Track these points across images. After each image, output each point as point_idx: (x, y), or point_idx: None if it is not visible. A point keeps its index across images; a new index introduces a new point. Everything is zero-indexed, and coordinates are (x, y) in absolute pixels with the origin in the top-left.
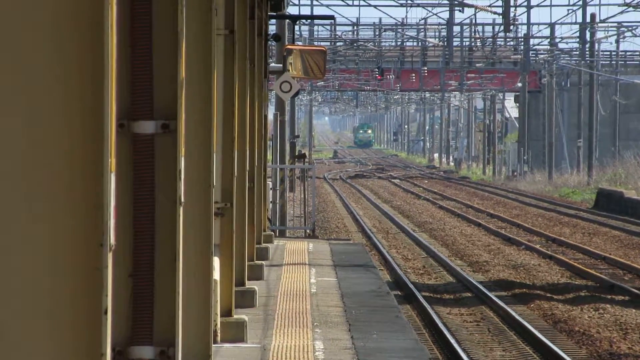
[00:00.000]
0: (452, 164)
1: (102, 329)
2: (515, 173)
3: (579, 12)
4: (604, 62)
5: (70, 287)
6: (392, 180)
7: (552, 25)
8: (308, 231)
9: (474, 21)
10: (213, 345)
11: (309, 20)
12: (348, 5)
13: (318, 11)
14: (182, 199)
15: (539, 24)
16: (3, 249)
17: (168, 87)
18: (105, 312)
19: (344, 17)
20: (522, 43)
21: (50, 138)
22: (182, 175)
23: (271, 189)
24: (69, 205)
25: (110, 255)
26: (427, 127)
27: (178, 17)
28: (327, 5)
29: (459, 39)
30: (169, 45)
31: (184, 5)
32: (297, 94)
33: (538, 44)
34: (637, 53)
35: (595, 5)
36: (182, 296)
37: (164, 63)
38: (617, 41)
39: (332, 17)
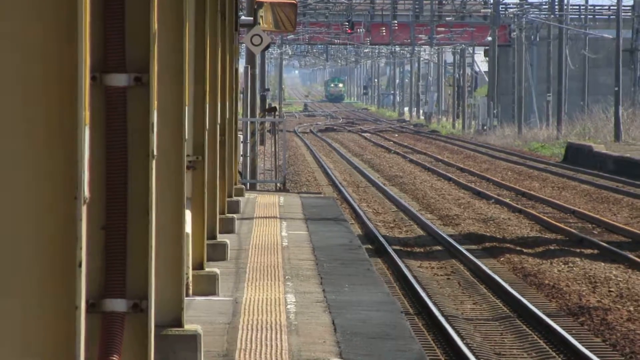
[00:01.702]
0: (422, 118)
1: (77, 281)
2: (484, 127)
3: None
4: (573, 16)
5: (45, 240)
6: (363, 134)
7: None
8: (279, 184)
9: None
10: (185, 298)
11: None
12: None
13: None
14: (155, 152)
15: None
16: None
17: (140, 40)
18: (80, 265)
19: None
20: None
21: (24, 90)
22: (155, 129)
23: (242, 142)
24: (45, 158)
25: (84, 208)
26: (397, 81)
27: None
28: None
29: None
30: None
31: None
32: (267, 47)
33: None
34: (606, 7)
35: None
36: (155, 249)
37: (136, 16)
38: None
39: None
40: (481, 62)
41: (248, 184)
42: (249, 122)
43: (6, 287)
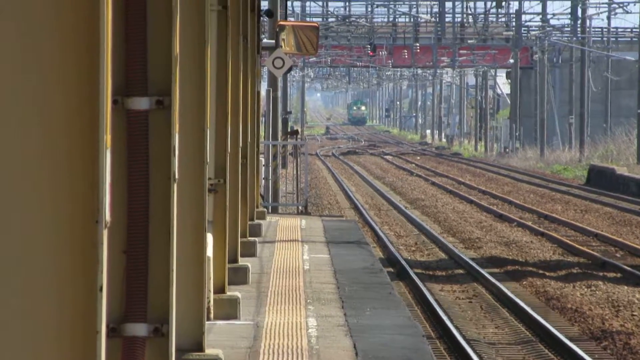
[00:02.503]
0: (444, 140)
1: (98, 305)
2: (507, 149)
3: None
4: (595, 38)
5: (66, 263)
6: (384, 156)
7: (544, 2)
8: (300, 208)
9: None
10: (206, 322)
11: None
12: None
13: None
14: (176, 176)
15: (530, 0)
16: (2, 227)
17: (162, 63)
18: (101, 289)
19: None
20: (514, 19)
21: (46, 114)
22: (177, 152)
23: (264, 165)
24: (66, 182)
25: (105, 232)
26: (419, 104)
27: None
28: None
29: (451, 15)
30: (164, 21)
31: None
32: (289, 70)
33: (530, 20)
34: (629, 29)
35: None
36: (176, 273)
37: (158, 39)
38: (609, 17)
39: None
40: (503, 85)
41: (270, 207)
42: (270, 145)
43: (27, 310)
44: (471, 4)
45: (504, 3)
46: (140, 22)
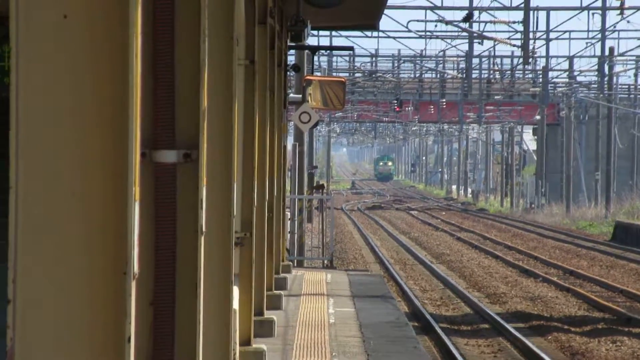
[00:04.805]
0: (469, 196)
1: (126, 356)
2: (532, 205)
3: (598, 45)
4: (622, 95)
5: (95, 314)
6: (410, 211)
7: (570, 58)
8: (326, 262)
9: (492, 53)
10: None
11: (328, 51)
12: (367, 36)
13: (337, 42)
14: (204, 229)
15: (557, 56)
16: (33, 277)
17: (190, 117)
18: (129, 340)
19: (363, 48)
20: (541, 76)
21: (79, 167)
22: (204, 205)
23: (289, 219)
24: (96, 233)
25: (133, 284)
26: (445, 159)
27: (200, 47)
28: (346, 37)
29: (477, 71)
30: (191, 74)
31: (206, 35)
32: (316, 124)
33: (557, 77)
34: None
35: (614, 38)
36: (202, 325)
37: (186, 92)
38: (636, 74)
39: (351, 48)
40: (529, 141)
41: (295, 260)
42: (296, 199)
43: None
44: (498, 60)
45: (530, 60)
46: (168, 75)
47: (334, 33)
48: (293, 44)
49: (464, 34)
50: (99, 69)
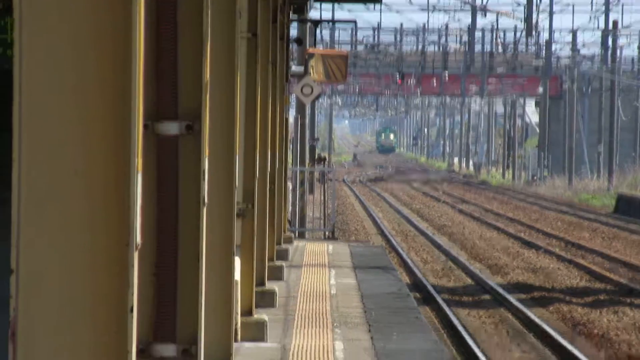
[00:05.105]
0: (471, 168)
1: (128, 326)
2: (535, 178)
3: (602, 19)
4: (625, 67)
5: (98, 285)
6: (412, 184)
7: (574, 32)
8: (327, 233)
9: (495, 26)
10: (234, 344)
11: (330, 24)
12: (369, 10)
13: (339, 15)
14: (206, 200)
15: (561, 29)
16: (37, 250)
17: (193, 89)
18: (132, 310)
19: (365, 21)
20: (544, 49)
21: (81, 139)
22: (206, 176)
23: (291, 190)
24: (99, 205)
25: (136, 255)
26: (447, 132)
27: (203, 20)
28: (349, 10)
29: (480, 44)
30: (194, 47)
31: (209, 8)
32: (317, 97)
33: (560, 50)
34: None
35: (617, 12)
36: (204, 295)
37: (189, 65)
38: (639, 47)
39: (353, 22)
40: (532, 113)
41: (297, 232)
42: (298, 171)
43: (61, 333)
44: (501, 33)
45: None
46: (171, 48)
47: (336, 6)
48: (296, 17)
49: (467, 6)
50: (102, 42)
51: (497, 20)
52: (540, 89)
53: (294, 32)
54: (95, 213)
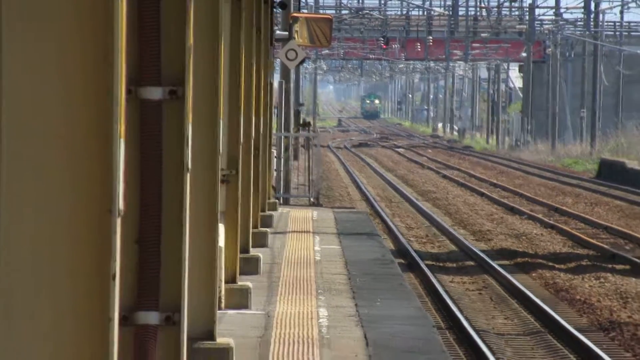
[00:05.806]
0: (455, 133)
1: (111, 294)
2: (518, 143)
3: None
4: (608, 32)
5: (80, 252)
6: (396, 149)
7: None
8: (312, 199)
9: None
10: (217, 311)
11: None
12: None
13: None
14: (189, 166)
15: None
16: (18, 216)
17: (176, 54)
18: (114, 278)
19: None
20: (527, 13)
21: (62, 104)
22: (190, 142)
23: (276, 157)
24: (82, 171)
25: (119, 222)
26: (431, 97)
27: None
28: None
29: (464, 9)
30: (177, 11)
31: None
32: (302, 62)
33: (543, 14)
34: None
35: None
36: (188, 262)
37: (172, 29)
38: (622, 12)
39: None
40: (516, 78)
41: (281, 198)
42: (282, 137)
43: (41, 299)
44: None
45: None
46: (153, 13)
47: None
48: None
49: None
50: (83, 6)
51: None
52: (524, 54)
53: None
54: (78, 179)
